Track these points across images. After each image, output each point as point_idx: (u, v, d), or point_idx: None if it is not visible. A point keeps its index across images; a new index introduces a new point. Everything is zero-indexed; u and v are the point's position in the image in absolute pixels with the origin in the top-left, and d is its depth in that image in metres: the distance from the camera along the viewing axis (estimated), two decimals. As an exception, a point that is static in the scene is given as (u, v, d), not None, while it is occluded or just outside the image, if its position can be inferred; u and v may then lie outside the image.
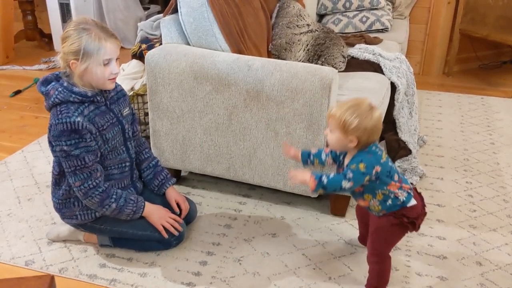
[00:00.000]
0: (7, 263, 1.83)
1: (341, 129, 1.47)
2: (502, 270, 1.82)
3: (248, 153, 2.05)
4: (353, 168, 1.47)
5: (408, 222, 1.54)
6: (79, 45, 1.58)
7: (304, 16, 2.65)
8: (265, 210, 2.16)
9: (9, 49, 4.12)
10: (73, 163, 1.63)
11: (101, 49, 1.59)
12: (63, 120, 1.59)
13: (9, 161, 2.54)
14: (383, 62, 2.50)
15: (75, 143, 1.61)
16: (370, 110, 1.47)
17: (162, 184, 1.92)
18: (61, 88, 1.63)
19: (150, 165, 1.93)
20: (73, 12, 4.19)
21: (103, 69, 1.61)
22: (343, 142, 1.49)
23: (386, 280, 1.65)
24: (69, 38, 1.60)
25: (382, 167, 1.49)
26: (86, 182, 1.66)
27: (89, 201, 1.70)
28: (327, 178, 1.49)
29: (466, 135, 2.88)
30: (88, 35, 1.58)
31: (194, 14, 2.04)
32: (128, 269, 1.80)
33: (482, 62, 4.04)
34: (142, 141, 1.95)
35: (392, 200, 1.53)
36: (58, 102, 1.62)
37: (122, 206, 1.73)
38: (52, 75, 1.71)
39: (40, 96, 3.37)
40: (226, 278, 1.76)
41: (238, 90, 1.95)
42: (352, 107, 1.47)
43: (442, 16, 3.73)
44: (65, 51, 1.61)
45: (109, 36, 1.61)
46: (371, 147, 1.51)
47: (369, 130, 1.46)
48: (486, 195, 2.28)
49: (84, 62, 1.59)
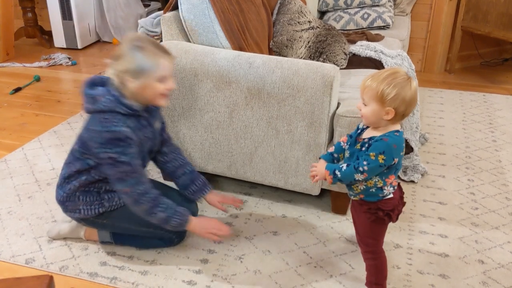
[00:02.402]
0: (7, 261, 1.82)
1: (378, 100, 1.39)
2: (505, 268, 1.81)
3: (249, 151, 2.04)
4: (371, 159, 1.40)
5: (384, 215, 1.51)
6: (134, 63, 1.57)
7: (305, 13, 2.64)
8: (266, 208, 2.15)
9: (9, 46, 4.12)
10: (121, 169, 1.62)
11: (157, 66, 1.59)
12: (110, 129, 1.58)
13: (9, 159, 2.53)
14: (384, 59, 2.49)
15: (122, 150, 1.61)
16: (408, 80, 1.40)
17: (199, 190, 1.90)
18: (110, 96, 1.61)
19: (186, 171, 1.89)
20: (74, 10, 4.18)
21: (158, 85, 1.62)
22: (379, 114, 1.41)
23: (384, 275, 1.64)
24: (124, 56, 1.58)
25: (399, 159, 1.44)
26: (136, 188, 1.66)
27: (138, 207, 1.69)
28: (340, 172, 1.46)
29: (468, 132, 2.87)
30: (143, 53, 1.57)
31: (195, 11, 2.03)
32: (129, 267, 1.79)
33: (484, 59, 4.03)
34: (175, 147, 1.92)
35: (376, 190, 1.49)
36: (105, 110, 1.60)
37: (170, 216, 1.71)
38: (99, 79, 1.69)
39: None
40: (227, 276, 1.75)
41: (239, 87, 1.94)
42: (389, 77, 1.39)
43: (444, 13, 3.72)
44: (120, 69, 1.59)
45: (164, 52, 1.62)
46: (402, 133, 1.45)
47: (407, 101, 1.39)
48: (488, 193, 2.27)
49: (140, 80, 1.59)
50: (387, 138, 1.41)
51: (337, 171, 1.47)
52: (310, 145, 1.94)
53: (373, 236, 1.60)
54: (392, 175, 1.49)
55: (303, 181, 2.02)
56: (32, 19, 4.43)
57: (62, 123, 2.93)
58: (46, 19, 4.51)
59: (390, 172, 1.48)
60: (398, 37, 3.09)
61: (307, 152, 1.95)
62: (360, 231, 1.63)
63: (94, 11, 4.46)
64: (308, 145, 1.94)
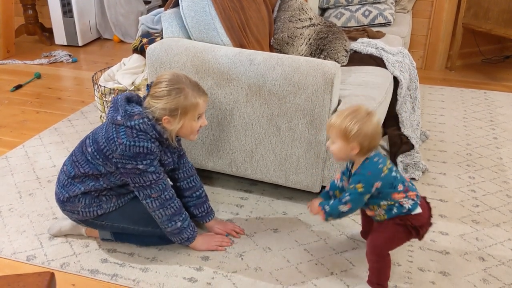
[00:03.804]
0: (8, 258, 1.82)
1: (342, 137, 1.49)
2: (505, 265, 1.81)
3: (249, 149, 2.04)
4: (351, 189, 1.51)
5: (411, 227, 1.54)
6: (176, 105, 1.63)
7: (306, 10, 2.63)
8: (267, 205, 2.15)
9: (10, 43, 4.11)
10: (148, 178, 1.66)
11: (196, 107, 1.67)
12: (140, 144, 1.61)
13: (10, 156, 2.53)
14: (386, 56, 2.48)
15: (150, 161, 1.64)
16: (368, 115, 1.49)
17: (202, 216, 1.92)
18: (147, 120, 1.64)
19: (194, 195, 1.90)
20: (74, 7, 4.18)
21: (193, 124, 1.70)
22: (345, 150, 1.51)
23: (386, 277, 1.65)
24: (165, 98, 1.63)
25: (383, 181, 1.50)
26: (163, 193, 1.70)
27: (161, 212, 1.72)
28: (329, 206, 1.56)
29: (469, 130, 2.87)
30: (184, 96, 1.64)
31: (196, 8, 2.02)
32: (129, 264, 1.79)
33: (485, 56, 4.02)
34: (189, 166, 1.92)
35: (398, 208, 1.54)
36: (137, 129, 1.63)
37: (184, 228, 1.77)
38: (136, 98, 1.74)
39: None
40: (228, 273, 1.76)
41: (240, 84, 1.94)
42: (350, 114, 1.49)
43: (445, 10, 3.71)
44: (160, 107, 1.63)
45: (202, 93, 1.70)
46: (373, 157, 1.51)
47: (369, 135, 1.48)
48: (489, 190, 2.27)
49: (180, 120, 1.66)
50: (359, 170, 1.52)
51: (326, 206, 1.57)
52: (311, 142, 1.94)
53: (387, 239, 1.60)
54: (395, 193, 1.52)
55: (304, 178, 2.02)
56: (33, 16, 4.42)
57: (62, 120, 2.93)
58: (46, 16, 4.50)
59: (388, 193, 1.52)
60: (399, 34, 3.08)
61: (308, 149, 1.95)
62: (376, 231, 1.63)
63: (94, 8, 4.46)
64: (309, 142, 1.94)
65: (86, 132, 2.73)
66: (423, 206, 1.57)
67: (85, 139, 1.77)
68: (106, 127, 1.68)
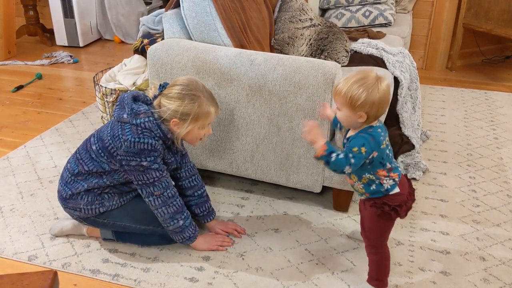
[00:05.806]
0: (10, 258, 1.83)
1: (348, 105, 1.43)
2: (506, 265, 1.81)
3: (250, 148, 2.05)
4: (356, 152, 1.43)
5: (390, 210, 1.52)
6: (190, 110, 1.66)
7: (306, 10, 2.64)
8: (268, 205, 2.16)
9: (11, 44, 4.12)
10: (152, 175, 1.67)
11: (207, 116, 1.71)
12: (144, 140, 1.62)
13: (11, 156, 2.54)
14: (386, 56, 2.49)
15: (154, 158, 1.66)
16: (377, 81, 1.41)
17: (203, 216, 1.92)
18: (153, 119, 1.65)
19: (195, 194, 1.91)
20: (75, 8, 4.19)
21: (200, 131, 1.74)
22: (352, 119, 1.45)
23: (386, 272, 1.65)
24: (179, 101, 1.65)
25: (379, 153, 1.47)
26: (166, 191, 1.71)
27: (164, 210, 1.72)
28: (336, 157, 1.43)
29: (470, 130, 2.87)
30: (199, 104, 1.67)
31: (197, 9, 2.03)
32: (131, 264, 1.80)
33: (486, 56, 4.02)
34: (191, 166, 1.93)
35: (376, 185, 1.52)
36: (142, 127, 1.64)
37: (186, 227, 1.78)
38: (143, 97, 1.75)
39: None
40: (229, 273, 1.76)
41: (241, 85, 1.94)
42: (358, 82, 1.41)
43: (445, 10, 3.71)
44: (173, 108, 1.65)
45: (215, 104, 1.73)
46: (377, 128, 1.47)
47: (377, 103, 1.41)
48: (490, 190, 2.27)
49: (188, 125, 1.68)
50: (362, 133, 1.47)
51: (334, 155, 1.44)
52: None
53: (378, 231, 1.60)
54: (380, 169, 1.50)
55: (305, 178, 2.02)
56: (34, 17, 4.43)
57: (64, 121, 2.93)
58: (47, 17, 4.51)
59: (376, 166, 1.49)
60: (399, 34, 3.08)
61: (309, 149, 1.96)
62: (366, 225, 1.64)
63: (95, 9, 4.46)
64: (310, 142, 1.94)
65: (87, 133, 2.73)
66: (403, 184, 1.55)
67: (89, 137, 1.78)
68: (112, 125, 1.70)
